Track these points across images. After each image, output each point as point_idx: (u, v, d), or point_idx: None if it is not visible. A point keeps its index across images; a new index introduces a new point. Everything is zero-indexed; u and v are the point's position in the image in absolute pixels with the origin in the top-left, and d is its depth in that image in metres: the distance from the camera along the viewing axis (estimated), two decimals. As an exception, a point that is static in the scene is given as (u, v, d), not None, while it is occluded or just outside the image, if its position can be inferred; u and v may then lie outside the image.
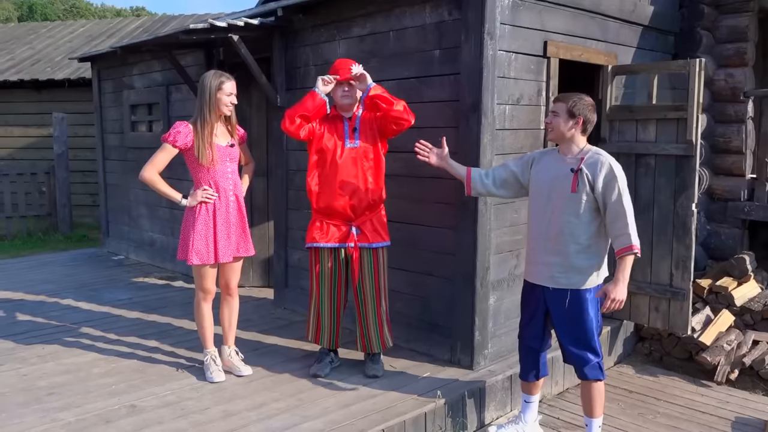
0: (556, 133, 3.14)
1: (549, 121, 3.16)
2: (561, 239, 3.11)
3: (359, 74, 3.66)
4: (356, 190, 3.70)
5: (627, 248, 2.96)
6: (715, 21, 5.20)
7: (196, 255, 3.65)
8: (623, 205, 2.97)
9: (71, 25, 13.97)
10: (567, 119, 3.09)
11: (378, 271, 3.80)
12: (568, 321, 3.18)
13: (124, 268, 6.95)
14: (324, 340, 3.92)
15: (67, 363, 4.03)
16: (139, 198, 7.15)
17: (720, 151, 5.23)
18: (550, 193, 3.16)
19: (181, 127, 3.61)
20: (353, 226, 3.75)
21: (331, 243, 3.76)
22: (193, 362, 4.04)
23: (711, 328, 4.51)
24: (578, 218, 3.07)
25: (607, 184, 3.00)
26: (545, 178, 3.20)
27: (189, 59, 6.05)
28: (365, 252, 3.77)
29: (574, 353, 3.19)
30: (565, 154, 3.16)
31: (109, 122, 7.67)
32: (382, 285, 3.83)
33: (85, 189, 10.50)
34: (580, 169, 3.05)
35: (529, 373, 3.43)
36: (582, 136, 3.13)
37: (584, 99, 3.11)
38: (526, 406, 3.54)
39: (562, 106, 3.10)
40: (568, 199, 3.08)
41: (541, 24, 4.04)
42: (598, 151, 3.11)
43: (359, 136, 3.71)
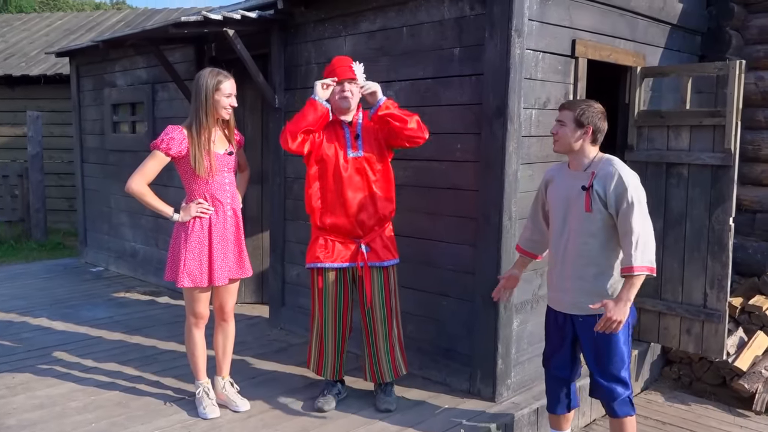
0: (563, 144, 2.84)
1: (555, 132, 2.86)
2: (579, 262, 2.83)
3: (371, 90, 3.30)
4: (364, 205, 3.33)
5: (627, 269, 2.67)
6: (744, 20, 4.91)
7: (188, 277, 3.24)
8: (630, 221, 2.66)
9: (48, 18, 13.39)
10: (574, 129, 2.79)
11: (389, 291, 3.44)
12: (595, 349, 2.87)
13: (104, 281, 6.50)
14: (327, 371, 3.53)
15: (40, 395, 3.61)
16: (120, 205, 6.69)
17: (748, 160, 4.92)
18: (565, 214, 2.87)
19: (175, 132, 3.18)
20: (362, 244, 3.36)
21: (337, 263, 3.38)
22: (183, 394, 3.63)
23: (747, 351, 4.19)
24: (595, 238, 2.78)
25: (617, 197, 2.71)
26: (559, 199, 2.91)
27: (177, 55, 5.63)
28: (375, 271, 3.40)
29: (602, 385, 2.89)
30: (575, 168, 2.86)
31: (88, 122, 7.22)
32: (394, 306, 3.47)
33: (61, 193, 10.01)
34: (591, 186, 2.75)
35: (558, 405, 3.12)
36: (592, 146, 2.83)
37: (593, 106, 2.82)
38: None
39: (568, 115, 2.80)
40: (583, 219, 2.79)
41: (569, 21, 3.70)
42: (610, 159, 2.80)
43: (362, 144, 3.33)
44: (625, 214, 2.67)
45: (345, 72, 3.28)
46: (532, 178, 3.64)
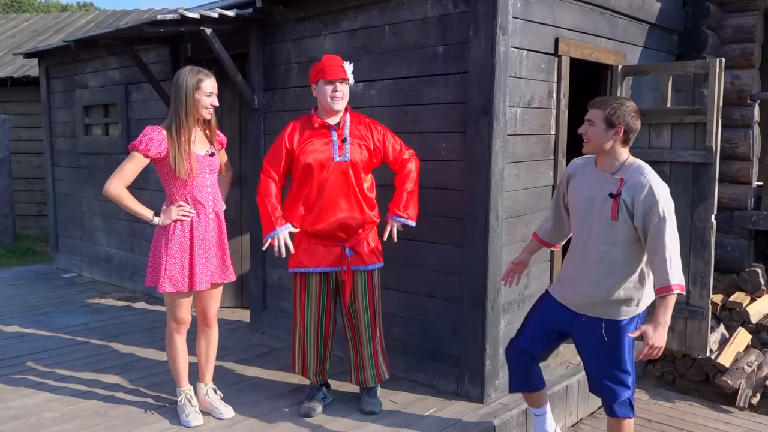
0: (593, 145, 2.70)
1: (584, 132, 2.72)
2: (599, 270, 2.71)
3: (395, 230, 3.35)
4: (349, 209, 3.26)
5: (665, 288, 2.53)
6: (720, 20, 4.96)
7: (169, 281, 3.14)
8: (663, 237, 2.53)
9: (14, 19, 13.06)
10: (605, 129, 2.64)
11: (373, 295, 3.39)
12: (600, 353, 2.79)
13: (77, 287, 6.31)
14: (311, 373, 3.47)
15: (14, 406, 3.48)
16: (94, 209, 6.51)
17: (726, 158, 4.97)
18: (586, 214, 2.75)
19: (154, 133, 3.08)
20: (347, 248, 3.30)
21: (321, 267, 3.31)
22: (164, 402, 3.53)
23: (729, 348, 4.23)
24: (617, 247, 2.67)
25: (646, 211, 2.57)
26: (582, 197, 2.78)
27: (152, 55, 5.49)
28: (359, 275, 3.34)
29: (605, 386, 2.82)
30: (603, 169, 2.73)
31: (58, 125, 7.02)
32: (377, 311, 3.42)
33: (30, 197, 9.75)
34: (619, 194, 2.62)
35: (524, 382, 3.04)
36: (623, 147, 2.69)
37: (625, 104, 2.67)
38: (538, 420, 3.16)
39: (598, 114, 2.65)
40: (607, 227, 2.67)
41: (552, 19, 3.69)
42: (641, 167, 2.67)
43: (349, 147, 3.24)
44: (657, 229, 2.54)
45: (336, 72, 3.18)
46: (518, 177, 3.62)
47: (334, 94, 3.18)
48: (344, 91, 3.22)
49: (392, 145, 3.35)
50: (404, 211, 3.30)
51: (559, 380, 3.84)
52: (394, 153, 3.34)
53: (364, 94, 3.93)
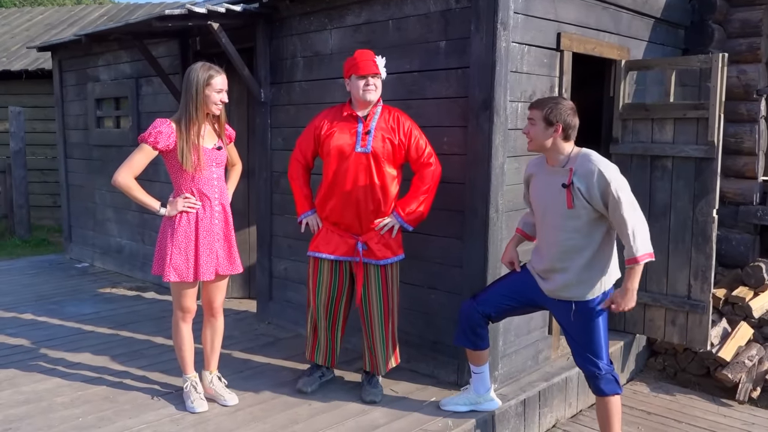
0: (535, 143, 2.90)
1: (526, 131, 2.91)
2: (565, 257, 2.88)
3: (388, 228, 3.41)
4: (364, 201, 3.33)
5: (632, 260, 2.74)
6: (726, 14, 4.94)
7: (174, 271, 3.21)
8: (621, 214, 2.71)
9: (29, 13, 13.21)
10: (545, 127, 2.84)
11: (387, 288, 3.44)
12: (575, 332, 2.96)
13: (89, 277, 6.42)
14: (319, 356, 3.58)
15: (26, 391, 3.57)
16: (106, 200, 6.62)
17: (731, 152, 4.97)
18: (545, 210, 2.93)
19: (163, 126, 3.15)
20: (359, 241, 3.37)
21: (334, 255, 3.41)
22: (170, 388, 3.61)
23: (730, 342, 4.24)
24: (579, 233, 2.84)
25: (602, 193, 2.74)
26: (539, 194, 2.97)
27: (162, 49, 5.57)
28: (372, 268, 3.41)
29: (584, 366, 2.97)
30: (552, 164, 2.90)
31: (71, 117, 7.13)
32: (392, 303, 3.47)
33: (45, 189, 9.89)
34: (571, 183, 2.78)
35: (470, 339, 3.21)
36: (565, 142, 2.86)
37: (561, 103, 2.86)
38: (477, 378, 3.33)
39: (537, 114, 2.86)
40: (566, 216, 2.84)
41: (554, 14, 3.71)
42: (587, 155, 2.83)
43: (372, 140, 3.30)
44: (615, 208, 2.71)
45: (369, 67, 3.28)
46: (519, 171, 3.64)
47: (366, 87, 3.29)
48: (377, 84, 3.32)
49: (417, 143, 3.37)
50: (407, 215, 3.38)
51: (558, 372, 3.89)
52: (417, 152, 3.37)
53: (368, 88, 3.98)
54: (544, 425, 3.75)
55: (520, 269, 3.18)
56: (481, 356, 3.28)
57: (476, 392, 3.36)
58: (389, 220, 3.38)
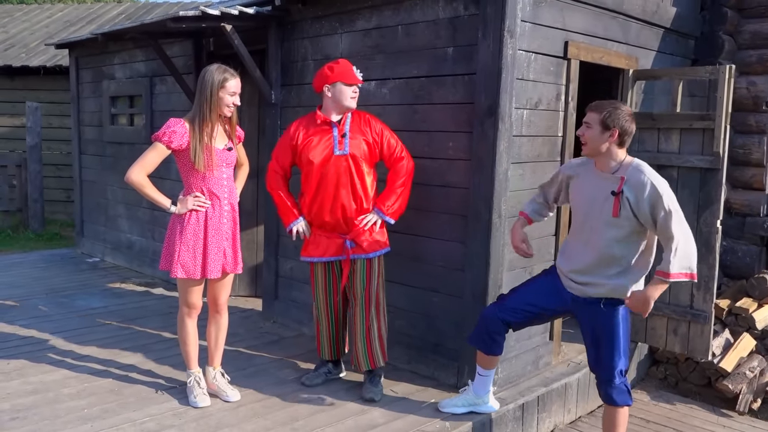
0: (590, 147, 2.85)
1: (582, 134, 2.87)
2: (601, 264, 2.87)
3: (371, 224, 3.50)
4: (348, 201, 3.44)
5: (663, 274, 2.71)
6: (737, 25, 4.95)
7: (181, 267, 3.28)
8: (671, 229, 2.69)
9: (48, 9, 13.39)
10: (601, 131, 2.80)
11: (371, 281, 3.53)
12: (596, 337, 2.95)
13: (100, 271, 6.53)
14: (324, 351, 3.72)
15: (34, 381, 3.65)
16: (117, 197, 6.72)
17: (739, 164, 4.97)
18: (587, 212, 2.90)
19: (177, 126, 3.22)
20: (347, 240, 3.47)
21: (325, 257, 3.54)
22: (174, 383, 3.68)
23: (732, 353, 4.25)
24: (619, 243, 2.82)
25: (652, 207, 2.72)
26: (584, 197, 2.93)
27: (176, 49, 5.66)
28: (358, 262, 3.52)
29: (601, 371, 2.97)
30: (602, 169, 2.87)
31: (86, 114, 7.24)
32: (374, 295, 3.55)
33: (59, 183, 10.03)
34: (621, 192, 2.76)
35: (486, 344, 3.22)
36: (619, 148, 2.83)
37: (620, 108, 2.82)
38: (480, 380, 3.36)
39: (595, 117, 2.81)
40: (609, 224, 2.81)
41: (562, 23, 3.74)
42: (639, 165, 2.81)
43: (348, 142, 3.42)
44: (665, 221, 2.68)
45: (356, 76, 3.44)
46: (523, 177, 3.68)
47: (353, 95, 3.42)
48: (357, 92, 3.47)
49: (389, 141, 3.51)
50: (388, 208, 3.47)
51: (558, 378, 3.91)
52: (389, 149, 3.51)
53: (376, 92, 4.03)
54: (543, 430, 3.78)
55: (547, 272, 3.18)
56: (492, 361, 3.30)
57: (475, 394, 3.39)
58: (371, 216, 3.47)
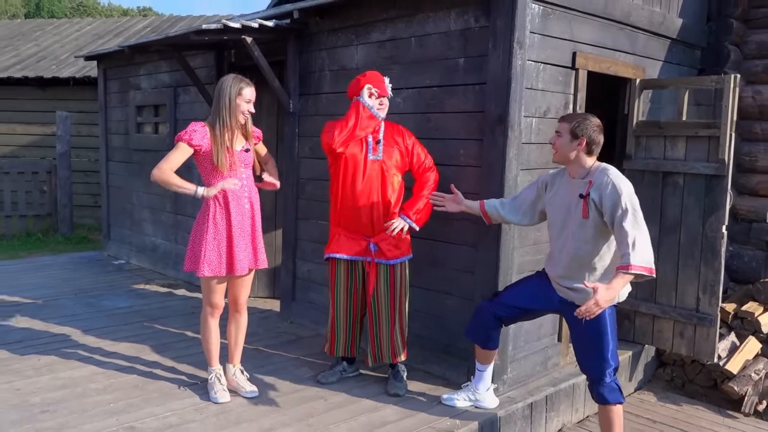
0: (560, 154, 3.06)
1: (553, 142, 3.07)
2: (573, 265, 3.04)
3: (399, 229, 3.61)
4: (376, 205, 3.61)
5: (624, 267, 2.75)
6: (743, 36, 5.04)
7: (207, 266, 3.43)
8: (623, 226, 2.79)
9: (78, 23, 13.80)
10: (570, 140, 2.99)
11: (394, 287, 3.67)
12: (583, 336, 3.07)
13: (125, 273, 6.76)
14: (339, 348, 3.85)
15: (63, 377, 3.84)
16: (143, 201, 6.96)
17: (745, 171, 5.05)
18: (564, 220, 3.07)
19: (198, 126, 3.41)
20: (371, 242, 3.62)
21: (347, 255, 3.68)
22: (196, 379, 3.84)
23: (737, 355, 4.32)
24: (588, 244, 2.99)
25: (613, 206, 2.86)
26: (558, 205, 3.12)
27: (198, 60, 5.87)
28: (381, 268, 3.65)
29: (590, 371, 3.09)
30: (573, 176, 3.06)
31: (113, 122, 7.50)
32: (398, 301, 3.69)
33: (87, 189, 10.35)
34: (588, 194, 2.93)
35: (481, 338, 3.39)
36: (588, 156, 3.01)
37: (589, 119, 3.01)
38: (479, 375, 3.53)
39: (565, 126, 3.02)
40: (580, 226, 2.99)
41: (570, 34, 3.87)
42: (605, 169, 2.98)
43: (383, 148, 3.61)
44: (620, 220, 2.81)
45: (386, 89, 3.62)
46: (531, 184, 3.81)
47: (381, 106, 3.61)
48: (386, 104, 3.65)
49: (419, 153, 3.69)
50: (415, 215, 3.62)
51: (566, 378, 4.02)
52: (419, 161, 3.69)
53: (391, 101, 4.14)
54: (551, 429, 3.88)
55: (540, 274, 3.32)
56: (488, 356, 3.47)
57: (476, 389, 3.54)
58: (398, 221, 3.59)
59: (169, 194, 6.44)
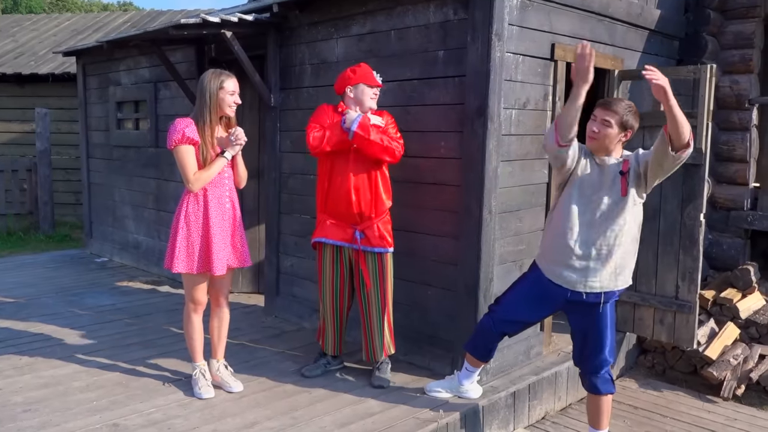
0: (604, 143, 2.91)
1: (597, 130, 2.90)
2: (618, 246, 2.95)
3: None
4: (362, 194, 3.62)
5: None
6: (720, 26, 5.09)
7: (179, 262, 3.43)
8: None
9: (56, 19, 13.62)
10: (618, 131, 2.90)
11: (384, 277, 3.71)
12: (587, 335, 3.08)
13: (108, 271, 6.72)
14: (329, 345, 3.87)
15: (45, 375, 3.82)
16: (125, 198, 6.91)
17: (723, 159, 5.12)
18: (591, 195, 2.95)
19: (184, 123, 3.38)
20: (357, 230, 3.64)
21: (333, 240, 3.70)
22: (180, 375, 3.84)
23: (716, 341, 4.39)
24: (625, 222, 2.94)
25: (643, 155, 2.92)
26: (587, 186, 2.97)
27: (179, 55, 5.84)
28: (370, 256, 3.68)
29: (592, 364, 3.09)
30: (602, 163, 2.98)
31: (93, 119, 7.43)
32: (388, 292, 3.73)
33: (68, 187, 10.24)
34: (628, 170, 2.91)
35: (482, 353, 3.42)
36: (622, 146, 3.02)
37: (633, 108, 2.94)
38: (467, 374, 3.55)
39: (615, 116, 2.88)
40: (616, 204, 2.92)
41: (549, 26, 3.90)
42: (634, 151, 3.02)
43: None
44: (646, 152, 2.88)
45: (375, 79, 3.65)
46: (512, 175, 3.83)
47: (374, 96, 3.65)
48: (378, 94, 3.70)
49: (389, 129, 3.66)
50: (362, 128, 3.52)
51: (549, 366, 4.06)
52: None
53: (371, 94, 4.19)
54: (534, 417, 3.92)
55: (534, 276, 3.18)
56: (482, 364, 3.52)
57: (459, 381, 3.57)
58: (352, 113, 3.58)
59: (152, 190, 6.41)
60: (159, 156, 6.22)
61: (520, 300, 3.23)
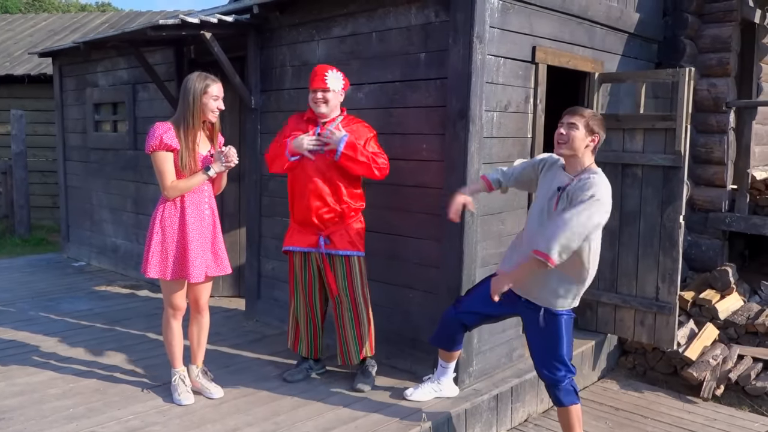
0: (571, 146, 2.88)
1: (564, 133, 2.88)
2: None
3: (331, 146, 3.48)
4: (323, 199, 3.56)
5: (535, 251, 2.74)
6: (698, 30, 5.15)
7: (153, 267, 3.39)
8: (566, 213, 2.73)
9: (32, 19, 13.42)
10: (586, 135, 2.88)
11: (352, 281, 3.66)
12: (538, 339, 3.07)
13: (86, 275, 6.61)
14: (302, 348, 3.83)
15: (20, 383, 3.73)
16: (102, 202, 6.81)
17: (701, 162, 5.18)
18: (542, 207, 3.00)
19: (163, 129, 3.32)
20: (321, 236, 3.61)
21: (299, 246, 3.67)
22: (159, 381, 3.78)
23: (696, 342, 4.43)
24: None
25: (576, 195, 2.78)
26: (545, 191, 3.02)
27: (158, 57, 5.77)
28: (337, 260, 3.64)
29: (545, 374, 3.08)
30: (569, 171, 2.95)
31: (70, 121, 7.32)
32: (359, 293, 3.67)
33: (45, 190, 10.08)
34: (566, 188, 2.86)
35: (446, 343, 3.43)
36: (591, 154, 2.95)
37: (599, 116, 2.95)
38: (443, 370, 3.57)
39: (581, 120, 2.87)
40: (549, 218, 2.91)
41: (530, 28, 3.91)
42: (595, 171, 2.87)
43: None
44: (570, 211, 2.72)
45: (316, 81, 3.51)
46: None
47: (316, 99, 3.53)
48: (326, 97, 3.52)
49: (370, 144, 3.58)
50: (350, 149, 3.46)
51: (531, 369, 3.96)
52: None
53: (352, 96, 4.16)
54: (517, 419, 3.92)
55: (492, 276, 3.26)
56: (453, 355, 3.51)
57: (437, 380, 3.58)
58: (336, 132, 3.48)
59: (130, 194, 6.32)
60: (137, 159, 6.13)
61: (484, 293, 3.20)
